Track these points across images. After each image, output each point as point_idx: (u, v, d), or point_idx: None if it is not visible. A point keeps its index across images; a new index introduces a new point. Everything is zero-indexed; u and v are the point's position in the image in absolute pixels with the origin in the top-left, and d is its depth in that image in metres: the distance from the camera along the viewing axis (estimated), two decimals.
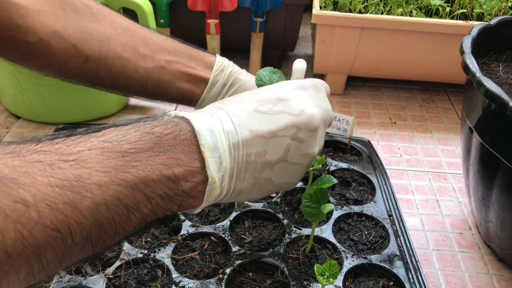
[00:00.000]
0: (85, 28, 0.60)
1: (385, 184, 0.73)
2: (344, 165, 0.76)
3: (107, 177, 0.37)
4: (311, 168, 0.63)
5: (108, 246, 0.40)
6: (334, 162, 0.77)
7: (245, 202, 0.68)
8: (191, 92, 0.69)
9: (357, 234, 0.64)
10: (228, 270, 0.58)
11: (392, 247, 0.62)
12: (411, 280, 0.58)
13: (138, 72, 0.65)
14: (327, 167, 0.74)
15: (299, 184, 0.72)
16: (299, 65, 0.65)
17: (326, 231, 0.64)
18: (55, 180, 0.35)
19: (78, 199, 0.35)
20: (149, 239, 0.63)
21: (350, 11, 0.99)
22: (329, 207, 0.56)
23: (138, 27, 0.66)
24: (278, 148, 0.48)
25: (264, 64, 1.12)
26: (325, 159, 0.68)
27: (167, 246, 0.61)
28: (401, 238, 0.63)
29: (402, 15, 0.98)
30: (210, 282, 0.56)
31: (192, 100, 0.70)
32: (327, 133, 0.82)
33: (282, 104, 0.49)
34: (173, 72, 0.67)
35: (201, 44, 0.80)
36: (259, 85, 0.60)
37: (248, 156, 0.46)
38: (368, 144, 0.83)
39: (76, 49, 0.60)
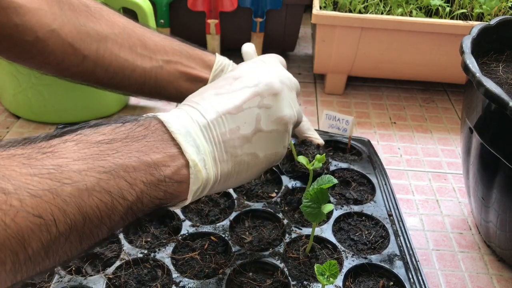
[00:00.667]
0: (82, 27, 0.60)
1: (385, 184, 0.73)
2: (344, 165, 0.76)
3: (85, 165, 0.37)
4: (311, 167, 0.63)
5: (98, 241, 0.39)
6: (334, 162, 0.77)
7: (245, 202, 0.68)
8: (191, 91, 0.69)
9: (357, 234, 0.64)
10: (228, 270, 0.58)
11: (392, 247, 0.62)
12: (411, 280, 0.58)
13: (135, 72, 0.65)
14: (328, 165, 0.74)
15: (299, 184, 0.72)
16: (246, 48, 0.69)
17: (326, 231, 0.64)
18: (33, 170, 0.35)
19: (58, 185, 0.35)
20: (149, 239, 0.63)
21: (350, 11, 0.99)
22: (329, 207, 0.56)
23: (136, 26, 0.66)
24: (249, 120, 0.50)
25: None
26: (326, 158, 0.68)
27: (167, 246, 0.61)
28: (401, 238, 0.63)
29: (402, 15, 0.98)
30: (210, 282, 0.56)
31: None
32: (327, 132, 0.82)
33: (238, 81, 0.52)
34: (171, 72, 0.67)
35: (201, 44, 0.79)
36: None
37: (222, 135, 0.48)
38: (368, 144, 0.83)
39: (73, 48, 0.60)
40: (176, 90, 0.68)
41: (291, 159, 0.73)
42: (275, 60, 0.60)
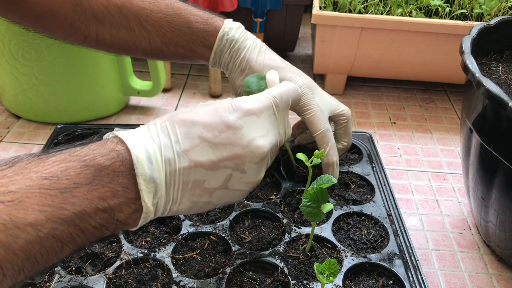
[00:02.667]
0: (78, 8, 0.60)
1: (385, 184, 0.73)
2: (343, 168, 0.76)
3: (44, 215, 0.37)
4: (310, 164, 0.63)
5: (42, 272, 0.40)
6: None
7: (245, 202, 0.68)
8: (197, 62, 0.71)
9: (356, 233, 0.65)
10: (228, 270, 0.58)
11: (391, 246, 0.62)
12: (411, 279, 0.58)
13: (138, 51, 0.66)
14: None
15: (299, 186, 0.72)
16: (272, 77, 0.59)
17: (325, 230, 0.64)
18: None
19: (12, 240, 0.35)
20: (149, 239, 0.63)
21: (350, 11, 0.99)
22: (328, 206, 0.56)
23: (133, 4, 0.64)
24: (218, 178, 0.47)
25: None
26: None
27: (167, 245, 0.61)
28: (401, 237, 0.64)
29: (402, 15, 0.98)
30: (210, 281, 0.56)
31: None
32: None
33: (229, 132, 0.47)
34: (173, 52, 0.67)
35: None
36: (247, 93, 0.59)
37: (185, 183, 0.45)
38: (369, 139, 0.83)
39: (73, 29, 0.61)
40: (182, 61, 0.70)
41: (289, 163, 0.73)
42: (287, 107, 0.54)
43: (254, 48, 0.67)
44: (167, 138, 0.45)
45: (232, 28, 0.67)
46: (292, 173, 0.73)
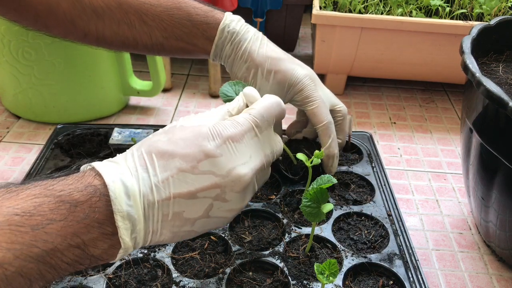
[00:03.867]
0: (78, 4, 0.60)
1: (385, 184, 0.73)
2: (343, 168, 0.76)
3: (12, 253, 0.36)
4: (310, 164, 0.63)
5: None
6: None
7: None
8: (198, 57, 0.70)
9: (356, 234, 0.65)
10: (228, 270, 0.58)
11: (391, 246, 0.62)
12: (411, 279, 0.58)
13: (138, 47, 0.65)
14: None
15: (299, 186, 0.72)
16: (250, 91, 0.54)
17: (326, 230, 0.64)
18: None
19: None
20: None
21: (350, 11, 0.99)
22: (328, 206, 0.56)
23: None
24: (198, 208, 0.46)
25: None
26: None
27: (167, 245, 0.61)
28: (401, 237, 0.64)
29: (402, 15, 0.98)
30: (210, 281, 0.56)
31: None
32: None
33: (208, 161, 0.45)
34: (174, 47, 0.66)
35: None
36: (226, 101, 0.58)
37: (164, 215, 0.44)
38: (369, 139, 0.83)
39: (73, 25, 0.60)
40: (182, 56, 0.69)
41: (289, 160, 0.73)
42: (271, 125, 0.52)
43: (256, 40, 0.67)
44: (145, 172, 0.44)
45: (233, 21, 0.67)
46: (295, 169, 0.73)
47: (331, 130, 0.67)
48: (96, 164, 0.44)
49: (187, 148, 0.45)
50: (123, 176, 0.43)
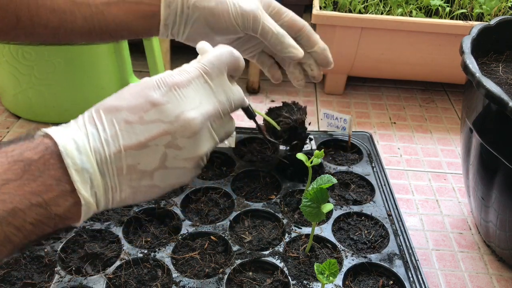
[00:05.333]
0: None
1: (385, 184, 0.73)
2: (343, 168, 0.76)
3: None
4: (310, 164, 0.63)
5: None
6: (333, 166, 0.77)
7: (245, 202, 0.68)
8: (146, 29, 0.64)
9: (356, 234, 0.65)
10: (228, 270, 0.58)
11: (391, 246, 0.62)
12: (411, 279, 0.58)
13: (77, 23, 0.60)
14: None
15: (299, 186, 0.72)
16: (202, 45, 0.53)
17: (325, 230, 0.64)
18: None
19: None
20: (149, 239, 0.63)
21: (350, 11, 0.99)
22: (328, 206, 0.56)
23: None
24: (151, 158, 0.45)
25: None
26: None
27: (167, 245, 0.61)
28: (401, 237, 0.64)
29: (402, 15, 0.98)
30: (210, 281, 0.56)
31: (152, 33, 0.64)
32: (326, 132, 0.82)
33: (155, 110, 0.45)
34: (115, 15, 0.61)
35: None
36: None
37: (119, 169, 0.44)
38: (369, 139, 0.83)
39: (4, 10, 0.57)
40: (128, 31, 0.63)
41: (272, 129, 0.71)
42: (223, 73, 0.51)
43: None
44: (93, 128, 0.45)
45: None
46: (278, 134, 0.71)
47: (312, 30, 0.67)
48: (46, 129, 0.44)
49: (133, 100, 0.46)
50: (73, 134, 0.44)
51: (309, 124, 0.76)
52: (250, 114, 0.57)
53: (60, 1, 0.59)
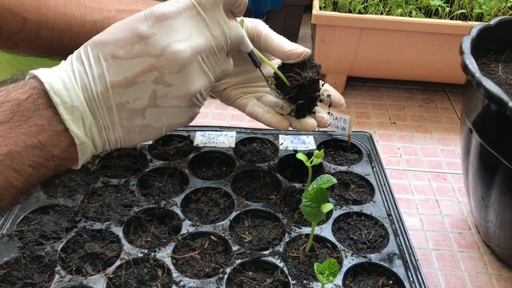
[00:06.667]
0: None
1: (384, 184, 0.73)
2: (342, 168, 0.76)
3: None
4: (309, 165, 0.63)
5: None
6: (333, 166, 0.77)
7: (245, 202, 0.68)
8: None
9: (356, 233, 0.65)
10: (228, 269, 0.58)
11: (391, 246, 0.62)
12: (411, 279, 0.58)
13: (85, 27, 0.60)
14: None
15: (299, 186, 0.72)
16: None
17: (325, 230, 0.64)
18: None
19: None
20: (149, 239, 0.63)
21: (350, 11, 0.99)
22: (328, 206, 0.56)
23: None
24: (140, 95, 0.44)
25: None
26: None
27: (167, 245, 0.61)
28: (400, 237, 0.64)
29: (401, 15, 0.98)
30: (210, 281, 0.56)
31: None
32: (325, 132, 0.82)
33: (142, 44, 0.43)
34: None
35: None
36: None
37: (108, 108, 0.43)
38: (369, 138, 0.83)
39: (11, 13, 0.56)
40: None
41: (282, 83, 0.64)
42: (218, 4, 0.47)
43: None
44: (80, 65, 0.43)
45: None
46: (287, 90, 0.64)
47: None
48: (34, 70, 0.43)
49: (119, 34, 0.44)
50: (59, 72, 0.43)
51: (322, 85, 0.69)
52: (255, 61, 0.54)
53: (72, 5, 0.59)
